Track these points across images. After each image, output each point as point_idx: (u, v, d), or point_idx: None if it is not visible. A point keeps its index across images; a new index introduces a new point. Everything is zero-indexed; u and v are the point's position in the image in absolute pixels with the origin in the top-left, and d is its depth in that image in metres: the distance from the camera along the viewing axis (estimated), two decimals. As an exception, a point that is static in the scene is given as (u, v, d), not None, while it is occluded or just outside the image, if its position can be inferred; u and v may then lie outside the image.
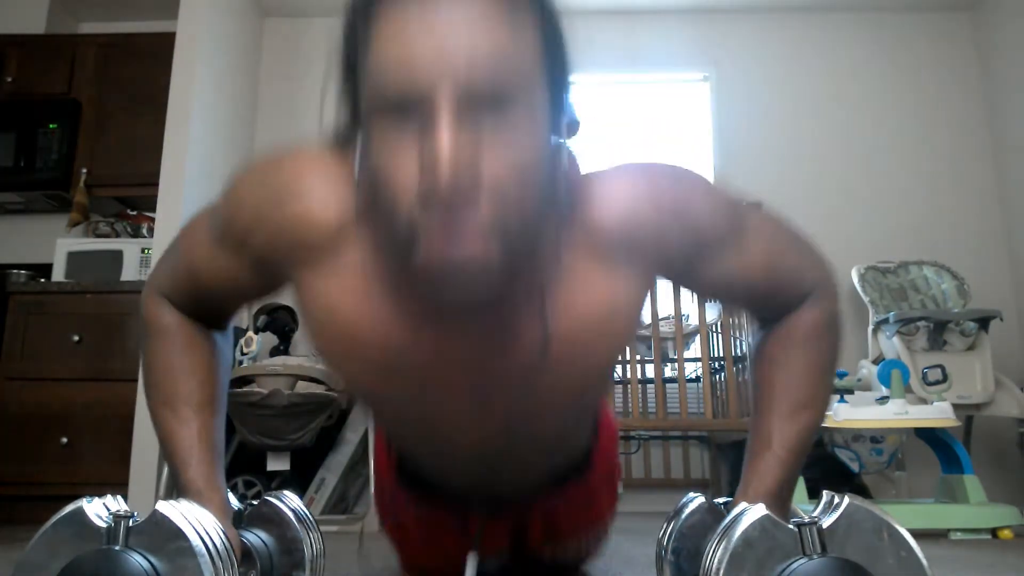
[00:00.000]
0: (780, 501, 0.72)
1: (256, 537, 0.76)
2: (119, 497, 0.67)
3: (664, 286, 2.88)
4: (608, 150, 0.79)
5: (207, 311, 0.84)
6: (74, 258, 3.00)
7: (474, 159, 0.54)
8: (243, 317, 2.83)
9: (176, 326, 0.83)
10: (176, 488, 0.77)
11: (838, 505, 0.61)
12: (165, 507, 0.62)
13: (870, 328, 2.97)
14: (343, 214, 0.68)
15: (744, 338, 2.73)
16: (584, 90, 3.57)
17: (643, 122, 3.59)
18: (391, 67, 0.56)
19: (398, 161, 0.56)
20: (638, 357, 2.96)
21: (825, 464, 2.50)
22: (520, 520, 1.07)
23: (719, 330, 2.99)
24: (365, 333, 0.69)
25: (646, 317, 3.02)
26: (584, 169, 0.72)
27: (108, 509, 0.64)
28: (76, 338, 2.73)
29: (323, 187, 0.69)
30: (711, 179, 0.79)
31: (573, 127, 0.67)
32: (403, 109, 0.56)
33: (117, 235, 3.22)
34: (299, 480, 2.68)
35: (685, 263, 0.74)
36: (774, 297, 0.81)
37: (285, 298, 2.99)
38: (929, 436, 2.21)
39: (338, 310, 0.69)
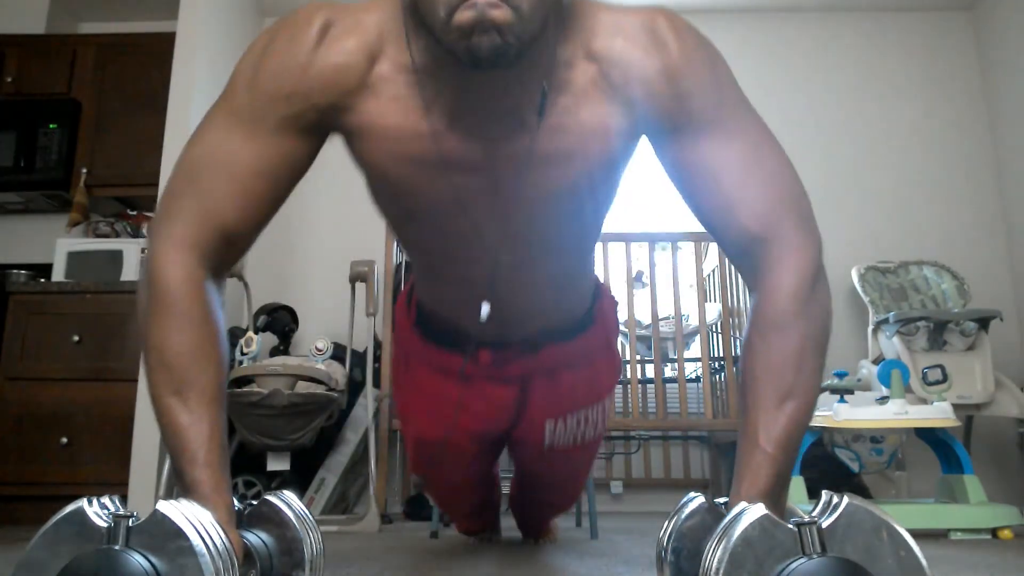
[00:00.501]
0: (774, 499, 0.70)
1: (256, 537, 0.76)
2: (119, 497, 0.66)
3: (664, 286, 2.88)
4: None
5: (235, 237, 0.79)
6: (74, 258, 3.00)
7: None
8: (243, 316, 2.83)
9: (187, 290, 0.76)
10: (179, 486, 0.76)
11: (838, 505, 0.61)
12: (165, 507, 0.62)
13: (870, 328, 2.97)
14: (370, 41, 0.78)
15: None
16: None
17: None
18: None
19: None
20: (638, 357, 2.96)
21: (825, 464, 2.50)
22: (525, 376, 1.16)
23: (719, 330, 2.99)
24: (407, 136, 0.79)
25: (645, 316, 3.03)
26: None
27: (108, 509, 0.64)
28: (76, 338, 2.73)
29: (348, 24, 0.78)
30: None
31: None
32: None
33: (117, 235, 3.22)
34: (299, 480, 2.68)
35: (667, 123, 0.79)
36: (738, 219, 0.78)
37: (285, 298, 2.97)
38: (929, 436, 2.21)
39: (384, 124, 0.79)
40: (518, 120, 0.79)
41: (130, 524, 0.62)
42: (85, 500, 0.63)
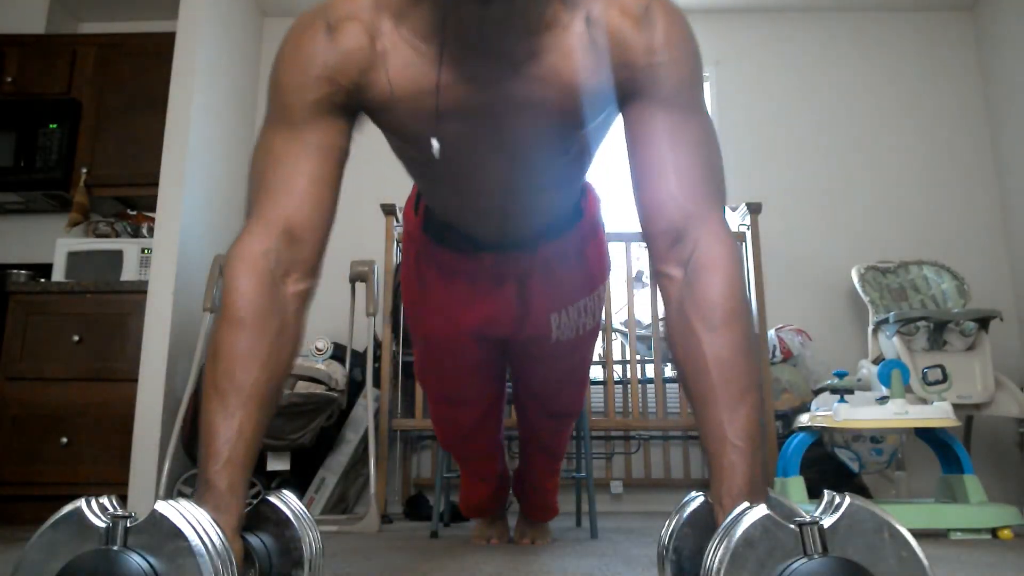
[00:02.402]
0: (755, 492, 0.71)
1: (255, 537, 0.76)
2: (117, 497, 0.66)
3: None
4: (608, 167, 0.91)
5: (302, 229, 0.85)
6: (74, 258, 3.00)
7: None
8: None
9: (255, 294, 0.80)
10: (197, 480, 0.76)
11: (839, 505, 0.61)
12: (164, 507, 0.62)
13: (870, 328, 2.97)
14: (373, 15, 0.85)
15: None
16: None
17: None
18: None
19: None
20: (638, 357, 2.96)
21: (825, 464, 2.50)
22: (524, 274, 1.28)
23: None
24: (419, 95, 0.86)
25: (645, 316, 3.02)
26: None
27: (107, 509, 0.64)
28: (76, 338, 2.73)
29: (348, 8, 0.86)
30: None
31: None
32: None
33: (117, 235, 3.22)
34: (299, 480, 2.68)
35: (637, 87, 0.85)
36: (670, 189, 0.83)
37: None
38: (929, 436, 2.21)
39: (398, 91, 0.86)
40: (511, 66, 0.85)
41: (128, 524, 0.61)
42: (83, 500, 0.63)
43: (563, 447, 1.77)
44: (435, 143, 0.89)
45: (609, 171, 3.47)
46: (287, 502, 0.80)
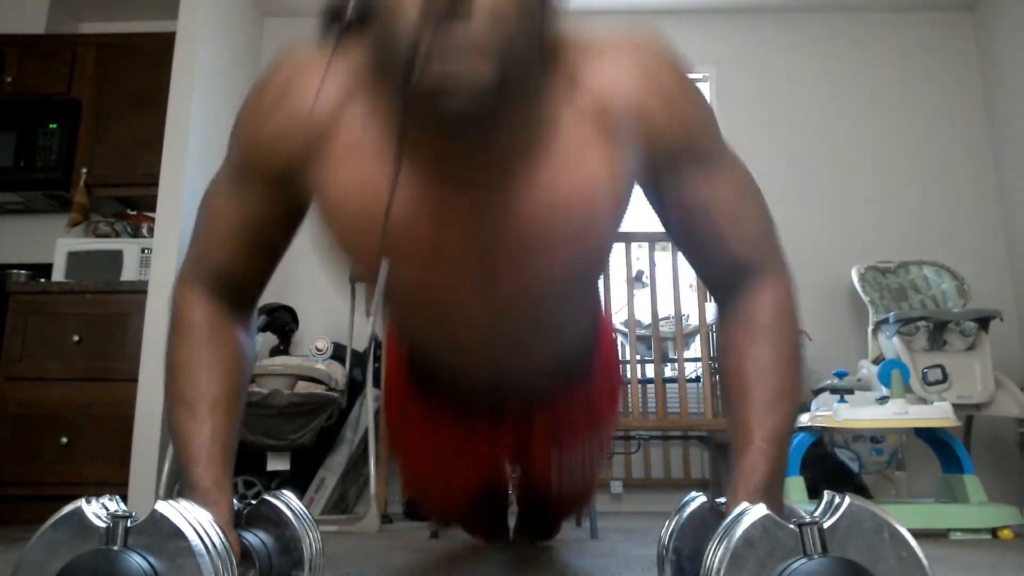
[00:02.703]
0: (771, 495, 0.71)
1: (255, 537, 0.76)
2: (117, 497, 0.66)
3: (665, 289, 2.88)
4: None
5: (237, 279, 0.84)
6: (74, 258, 3.00)
7: None
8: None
9: (202, 319, 0.82)
10: (181, 486, 0.76)
11: (839, 505, 0.61)
12: (164, 507, 0.62)
13: (870, 328, 2.97)
14: (338, 91, 0.72)
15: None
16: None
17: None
18: None
19: None
20: (638, 357, 2.96)
21: (825, 464, 2.50)
22: (524, 419, 1.12)
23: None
24: (375, 201, 0.70)
25: (645, 316, 3.03)
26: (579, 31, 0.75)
27: (107, 509, 0.64)
28: (76, 338, 2.73)
29: (314, 75, 0.73)
30: None
31: None
32: None
33: (117, 235, 3.22)
34: (299, 480, 2.68)
35: (665, 160, 0.76)
36: (730, 248, 0.80)
37: (285, 298, 2.97)
38: (929, 436, 2.21)
39: (349, 187, 0.72)
40: (504, 170, 0.71)
41: (128, 524, 0.61)
42: (83, 500, 0.63)
43: (583, 506, 1.70)
44: (377, 296, 0.72)
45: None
46: (287, 502, 0.80)
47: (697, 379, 3.02)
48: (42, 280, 2.97)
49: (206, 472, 0.75)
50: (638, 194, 0.82)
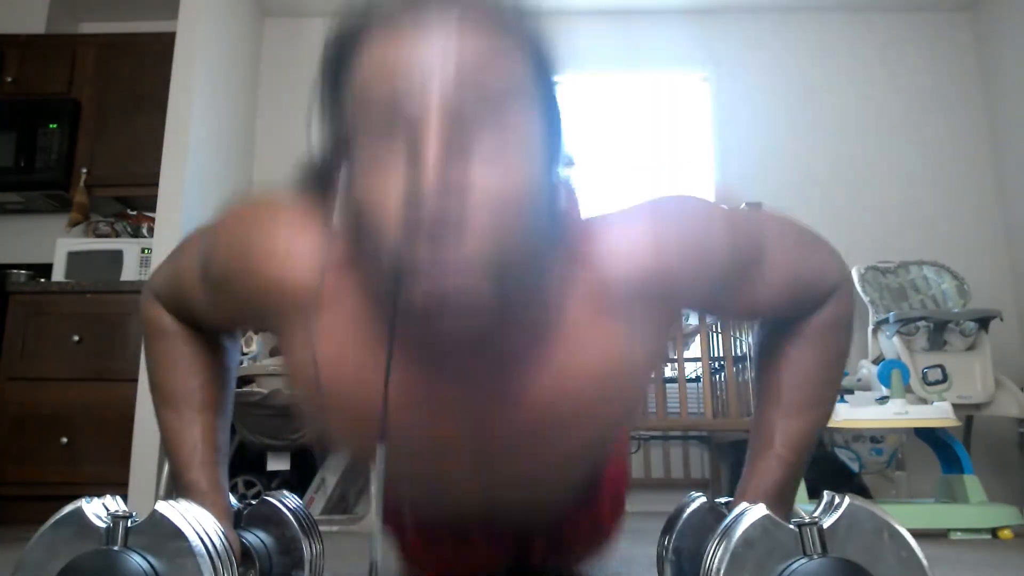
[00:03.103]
0: (781, 501, 0.71)
1: (255, 537, 0.76)
2: (118, 497, 0.66)
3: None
4: (609, 168, 0.75)
5: (203, 330, 0.82)
6: (74, 258, 3.00)
7: (463, 184, 0.50)
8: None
9: (176, 326, 0.81)
10: (177, 489, 0.76)
11: (839, 505, 0.61)
12: (164, 507, 0.62)
13: (870, 328, 2.97)
14: (321, 269, 0.63)
15: (744, 338, 2.73)
16: (583, 93, 3.57)
17: (643, 123, 3.59)
18: (377, 83, 0.54)
19: (384, 188, 0.52)
20: (638, 357, 2.96)
21: (825, 464, 2.50)
22: (524, 542, 1.04)
23: (719, 330, 2.98)
24: (353, 388, 0.64)
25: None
26: (586, 210, 0.67)
27: (107, 509, 0.64)
28: (76, 338, 2.73)
29: (299, 244, 0.65)
30: (714, 201, 0.73)
31: (568, 162, 0.62)
32: (389, 130, 0.53)
33: (117, 235, 3.22)
34: (299, 480, 2.68)
35: (708, 300, 0.72)
36: (801, 302, 0.78)
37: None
38: (929, 436, 2.21)
39: (324, 366, 0.64)
40: (504, 363, 0.63)
41: (129, 524, 0.61)
42: (84, 500, 0.63)
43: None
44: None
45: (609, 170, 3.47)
46: (287, 502, 0.80)
47: (697, 379, 3.02)
48: (42, 280, 2.97)
49: (200, 474, 0.74)
50: None
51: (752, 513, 0.61)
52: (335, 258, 0.62)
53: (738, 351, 2.77)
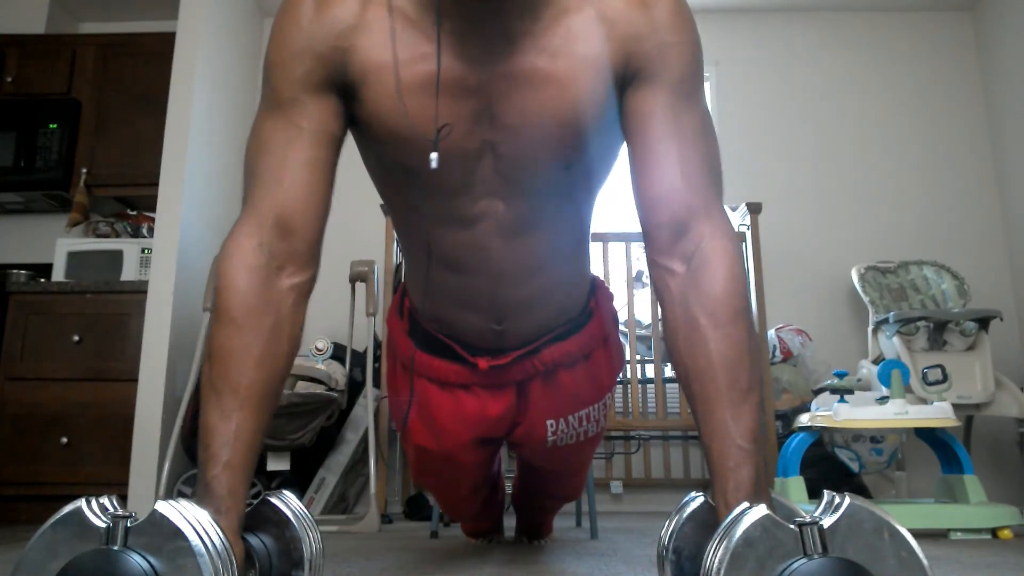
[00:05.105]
0: (760, 494, 0.71)
1: (255, 537, 0.76)
2: (117, 497, 0.66)
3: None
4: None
5: (295, 219, 0.81)
6: (74, 258, 3.00)
7: None
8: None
9: (248, 292, 0.78)
10: (196, 482, 0.75)
11: (839, 505, 0.61)
12: (164, 507, 0.62)
13: (870, 328, 2.97)
14: None
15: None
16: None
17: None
18: None
19: None
20: (638, 357, 2.96)
21: (825, 464, 2.50)
22: (523, 378, 1.15)
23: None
24: (404, 64, 0.81)
25: (645, 316, 3.02)
26: None
27: (107, 509, 0.64)
28: (76, 338, 2.73)
29: None
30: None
31: None
32: None
33: (117, 235, 3.22)
34: (299, 480, 2.68)
35: (640, 69, 0.83)
36: (677, 182, 0.80)
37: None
38: (929, 436, 2.21)
39: (381, 59, 0.81)
40: (510, 44, 0.82)
41: (128, 524, 0.61)
42: (84, 500, 0.63)
43: (573, 498, 1.71)
44: (434, 154, 0.80)
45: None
46: (287, 502, 0.80)
47: (697, 379, 3.02)
48: (42, 280, 2.97)
49: (223, 475, 0.72)
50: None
51: (752, 513, 0.61)
52: None
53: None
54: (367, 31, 0.82)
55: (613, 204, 3.20)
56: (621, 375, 3.13)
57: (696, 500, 0.78)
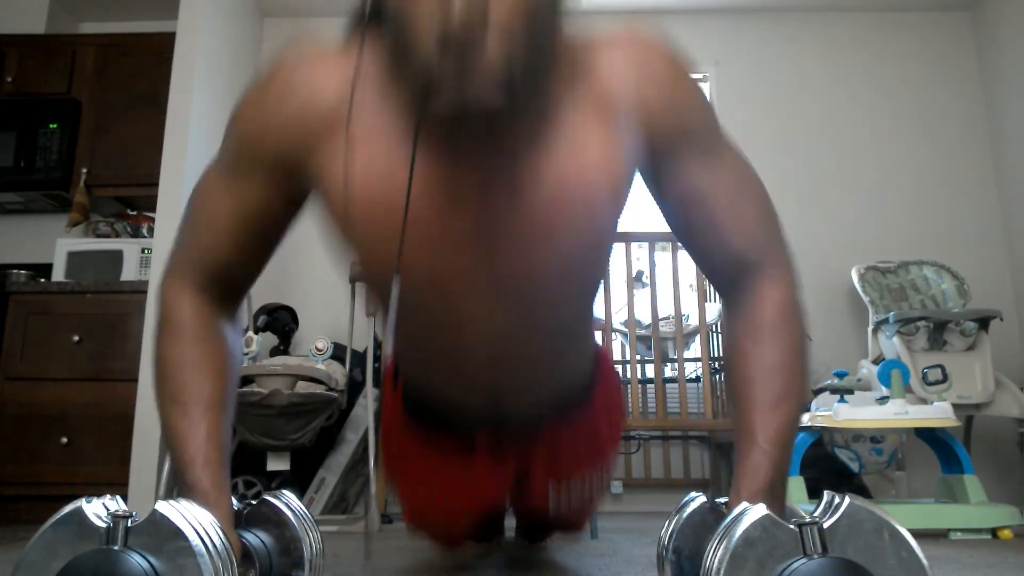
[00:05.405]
0: (773, 497, 0.71)
1: (255, 537, 0.76)
2: (118, 497, 0.66)
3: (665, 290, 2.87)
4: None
5: (228, 273, 0.83)
6: (74, 258, 3.00)
7: (484, 12, 0.59)
8: (243, 316, 2.83)
9: (191, 316, 0.81)
10: (179, 488, 0.76)
11: (839, 505, 0.61)
12: (164, 507, 0.62)
13: (870, 328, 2.97)
14: (347, 85, 0.72)
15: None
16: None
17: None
18: None
19: (418, 8, 0.61)
20: (638, 357, 2.96)
21: (825, 464, 2.50)
22: (524, 451, 1.08)
23: (719, 330, 2.98)
24: (382, 191, 0.72)
25: (645, 316, 3.02)
26: (584, 29, 0.78)
27: (107, 509, 0.64)
28: (76, 338, 2.73)
29: (319, 66, 0.75)
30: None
31: None
32: None
33: (117, 235, 3.22)
34: (299, 480, 2.68)
35: (664, 147, 0.78)
36: (729, 241, 0.80)
37: (285, 298, 2.96)
38: (929, 436, 2.21)
39: (358, 176, 0.72)
40: (511, 156, 0.72)
41: (129, 524, 0.61)
42: (84, 500, 0.63)
43: (579, 531, 1.60)
44: (395, 284, 0.71)
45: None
46: (287, 502, 0.80)
47: (697, 379, 3.02)
48: (42, 280, 2.97)
49: (204, 474, 0.74)
50: (640, 189, 0.83)
51: (752, 513, 0.61)
52: (364, 72, 0.72)
53: (738, 351, 2.77)
54: (336, 138, 0.73)
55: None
56: (621, 375, 3.13)
57: (696, 500, 0.78)
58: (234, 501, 0.79)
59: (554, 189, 0.73)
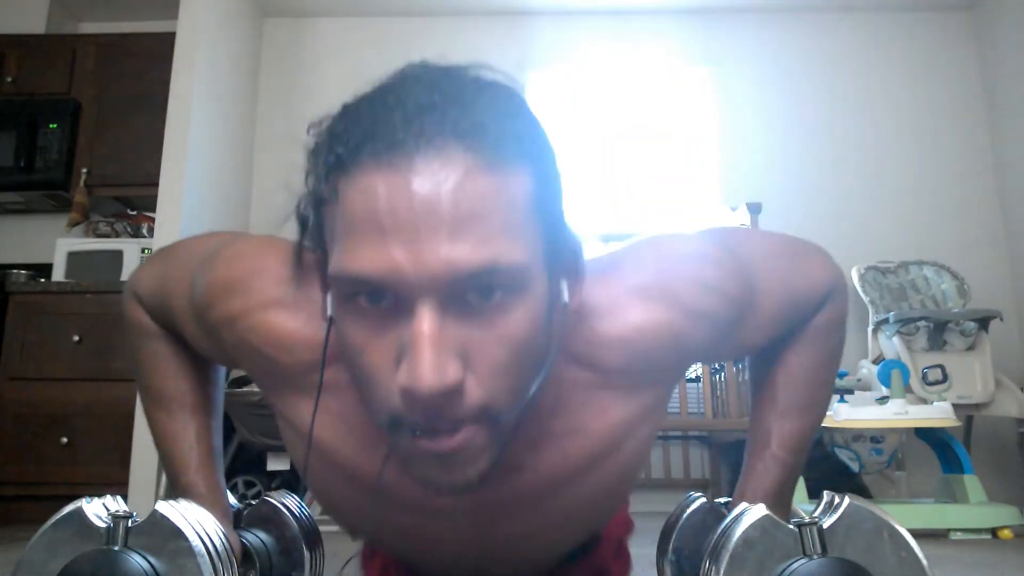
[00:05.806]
0: (779, 501, 0.71)
1: (255, 537, 0.76)
2: (118, 497, 0.66)
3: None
4: (610, 167, 0.74)
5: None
6: (74, 258, 3.00)
7: (458, 368, 0.48)
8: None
9: (162, 329, 0.81)
10: (175, 491, 0.76)
11: (838, 505, 0.61)
12: (164, 507, 0.62)
13: (870, 328, 2.97)
14: (318, 348, 0.61)
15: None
16: (588, 93, 3.57)
17: (645, 122, 3.59)
18: (364, 261, 0.48)
19: (375, 343, 0.50)
20: (638, 357, 2.96)
21: (825, 464, 2.50)
22: None
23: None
24: (349, 463, 0.64)
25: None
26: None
27: (108, 509, 0.64)
28: (76, 338, 2.73)
29: (302, 318, 0.63)
30: (696, 236, 0.71)
31: (577, 262, 0.58)
32: (378, 296, 0.49)
33: (117, 235, 3.21)
34: (299, 480, 2.68)
35: (708, 357, 0.74)
36: (797, 320, 0.77)
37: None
38: (929, 436, 2.21)
39: (319, 436, 0.63)
40: (503, 471, 0.62)
41: (129, 524, 0.61)
42: (84, 500, 0.63)
43: None
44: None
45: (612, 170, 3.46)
46: (287, 502, 0.80)
47: (697, 379, 3.02)
48: (42, 280, 2.96)
49: (198, 476, 0.74)
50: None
51: (752, 513, 0.61)
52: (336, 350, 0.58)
53: (738, 351, 2.77)
54: (303, 392, 0.64)
55: (613, 203, 3.21)
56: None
57: (696, 500, 0.78)
58: (234, 501, 0.79)
59: (554, 474, 0.65)
